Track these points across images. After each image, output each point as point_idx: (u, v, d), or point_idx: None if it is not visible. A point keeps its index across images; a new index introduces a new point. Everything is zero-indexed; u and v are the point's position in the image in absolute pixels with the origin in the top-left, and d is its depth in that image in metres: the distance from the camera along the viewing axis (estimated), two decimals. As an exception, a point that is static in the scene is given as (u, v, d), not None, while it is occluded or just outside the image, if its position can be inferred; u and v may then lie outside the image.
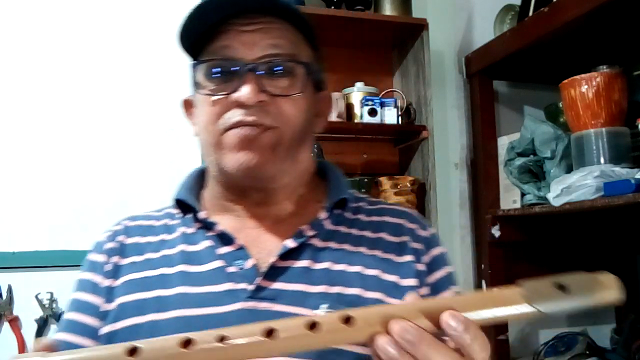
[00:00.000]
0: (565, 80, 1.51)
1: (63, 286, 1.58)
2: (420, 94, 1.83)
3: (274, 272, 0.65)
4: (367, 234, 0.72)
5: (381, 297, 0.65)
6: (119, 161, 1.69)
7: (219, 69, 0.67)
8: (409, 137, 1.87)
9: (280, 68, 0.66)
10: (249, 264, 0.66)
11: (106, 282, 0.70)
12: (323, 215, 0.70)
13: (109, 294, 0.69)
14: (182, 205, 0.74)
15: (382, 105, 1.81)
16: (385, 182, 1.76)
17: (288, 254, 0.67)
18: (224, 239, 0.69)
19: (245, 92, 0.63)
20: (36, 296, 1.56)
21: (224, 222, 0.70)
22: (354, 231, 0.72)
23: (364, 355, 0.60)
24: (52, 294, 1.57)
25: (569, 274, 0.42)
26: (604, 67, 1.50)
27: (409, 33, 1.85)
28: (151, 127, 1.73)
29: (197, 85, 0.69)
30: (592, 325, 1.96)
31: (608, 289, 0.42)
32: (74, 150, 1.65)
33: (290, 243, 0.67)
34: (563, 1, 1.49)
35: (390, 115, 1.81)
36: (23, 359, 0.41)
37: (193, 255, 0.69)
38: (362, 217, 0.74)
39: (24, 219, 1.59)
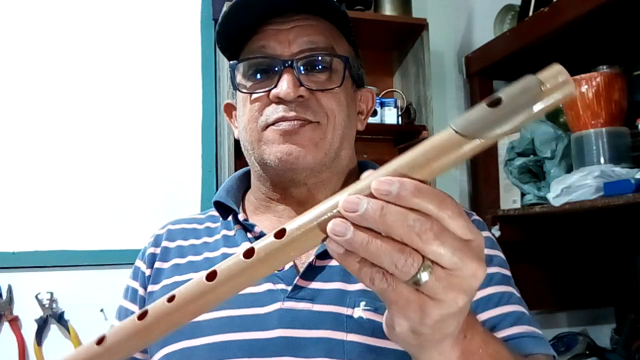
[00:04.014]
0: (565, 80, 1.50)
1: (63, 286, 1.58)
2: (420, 94, 1.83)
3: (311, 272, 0.65)
4: None
5: None
6: (119, 162, 1.69)
7: (257, 68, 0.68)
8: (409, 137, 1.87)
9: (318, 63, 0.67)
10: (287, 264, 0.66)
11: (147, 289, 0.71)
12: None
13: (149, 299, 0.70)
14: (222, 208, 0.74)
15: (382, 105, 1.81)
16: (385, 182, 1.76)
17: (326, 253, 0.66)
18: None
19: (284, 87, 0.64)
20: (36, 296, 1.56)
21: (264, 223, 0.71)
22: None
23: (404, 354, 0.59)
24: (52, 294, 1.57)
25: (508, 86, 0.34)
26: (604, 67, 1.50)
27: (409, 33, 1.85)
28: (151, 128, 1.73)
29: (237, 85, 0.70)
30: (592, 325, 1.96)
31: (556, 89, 0.33)
32: (74, 151, 1.65)
33: None
34: (563, 1, 1.49)
35: (390, 115, 1.81)
36: None
37: None
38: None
39: (24, 219, 1.59)
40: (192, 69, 1.78)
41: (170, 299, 0.38)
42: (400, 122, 1.83)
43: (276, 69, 0.66)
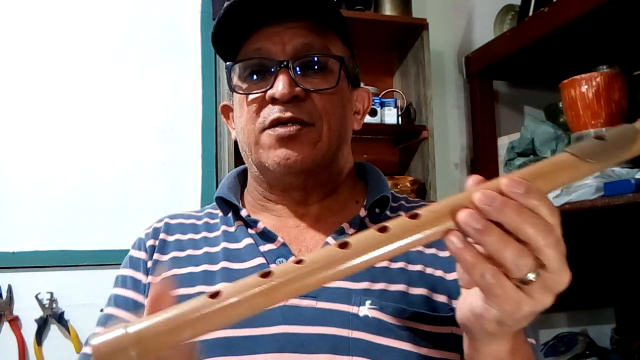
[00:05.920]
0: (565, 80, 1.50)
1: (63, 286, 1.58)
2: (420, 94, 1.83)
3: None
4: None
5: (426, 292, 0.64)
6: (119, 162, 1.69)
7: (253, 69, 0.68)
8: (409, 137, 1.87)
9: (313, 63, 0.67)
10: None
11: (148, 279, 0.71)
12: (363, 212, 0.70)
13: (147, 291, 0.69)
14: (224, 204, 0.74)
15: (382, 105, 1.81)
16: (385, 182, 1.76)
17: None
18: (266, 236, 0.69)
19: (279, 87, 0.64)
20: (36, 296, 1.56)
21: (265, 221, 0.71)
22: None
23: (409, 352, 0.60)
24: (52, 294, 1.57)
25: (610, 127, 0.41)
26: (604, 67, 1.50)
27: (409, 33, 1.85)
28: (151, 128, 1.73)
29: (233, 86, 0.71)
30: (592, 325, 1.96)
31: None
32: (74, 151, 1.65)
33: (331, 240, 0.67)
34: (563, 1, 1.49)
35: (390, 115, 1.81)
36: (106, 334, 0.36)
37: (235, 252, 0.69)
38: (402, 214, 0.73)
39: (24, 219, 1.59)
40: (192, 69, 1.78)
41: (299, 262, 0.38)
42: (400, 122, 1.83)
43: (272, 70, 0.66)
